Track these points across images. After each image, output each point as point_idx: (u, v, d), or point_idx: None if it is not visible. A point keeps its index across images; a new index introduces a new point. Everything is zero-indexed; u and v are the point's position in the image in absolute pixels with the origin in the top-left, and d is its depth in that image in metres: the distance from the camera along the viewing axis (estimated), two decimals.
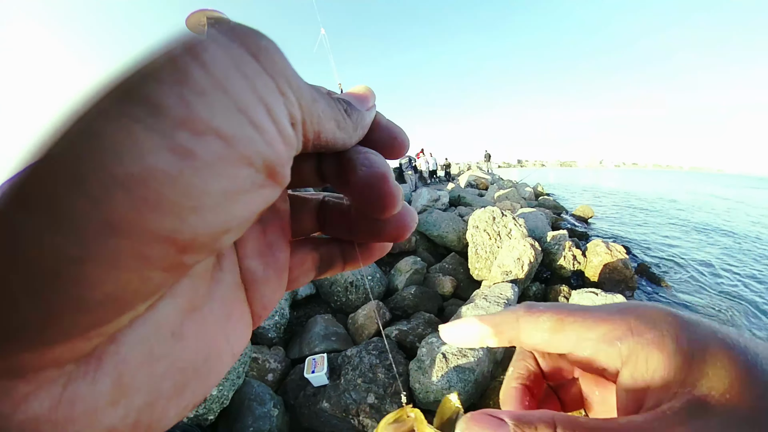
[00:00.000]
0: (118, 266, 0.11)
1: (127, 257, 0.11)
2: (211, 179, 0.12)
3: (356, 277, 3.23)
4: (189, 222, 0.12)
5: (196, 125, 0.12)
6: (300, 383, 2.41)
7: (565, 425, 0.20)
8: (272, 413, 2.01)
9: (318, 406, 2.16)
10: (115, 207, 0.11)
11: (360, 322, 2.95)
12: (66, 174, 0.10)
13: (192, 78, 0.12)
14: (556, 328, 0.24)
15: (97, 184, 0.11)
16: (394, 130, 0.23)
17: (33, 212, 0.10)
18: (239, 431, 1.91)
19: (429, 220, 4.46)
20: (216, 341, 0.19)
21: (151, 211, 0.11)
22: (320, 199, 0.26)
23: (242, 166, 0.13)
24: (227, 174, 0.13)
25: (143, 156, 0.11)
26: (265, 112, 0.14)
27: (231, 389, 1.95)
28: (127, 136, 0.11)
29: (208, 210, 0.12)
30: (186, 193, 0.12)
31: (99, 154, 0.11)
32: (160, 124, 0.11)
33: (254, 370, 2.43)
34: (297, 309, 3.29)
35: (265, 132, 0.14)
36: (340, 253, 0.27)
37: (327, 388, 2.23)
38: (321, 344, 2.68)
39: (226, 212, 0.13)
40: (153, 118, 0.11)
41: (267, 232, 0.22)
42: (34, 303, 0.11)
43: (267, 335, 2.70)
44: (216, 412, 1.88)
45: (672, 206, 13.15)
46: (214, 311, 0.19)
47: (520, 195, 8.20)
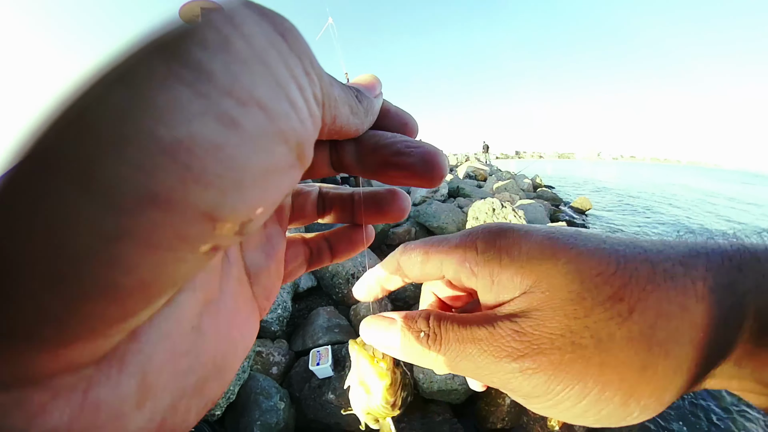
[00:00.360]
0: (156, 245, 0.10)
1: (167, 234, 0.10)
2: (253, 153, 0.11)
3: (358, 269, 3.23)
4: (229, 198, 0.11)
5: (242, 94, 0.11)
6: (305, 375, 2.42)
7: (436, 316, 0.26)
8: (279, 406, 2.02)
9: (323, 398, 2.18)
10: (159, 175, 0.10)
11: (362, 313, 2.95)
12: (105, 136, 0.09)
13: (235, 47, 0.11)
14: (424, 260, 0.28)
15: (141, 148, 0.09)
16: (404, 117, 0.24)
17: (62, 178, 0.09)
18: (247, 425, 1.92)
19: (428, 212, 4.45)
20: (231, 335, 0.19)
21: (194, 183, 0.10)
22: (318, 190, 0.28)
23: (280, 143, 0.12)
24: (267, 149, 0.12)
25: (191, 121, 0.10)
26: (297, 89, 0.13)
27: (237, 384, 1.96)
28: (175, 98, 0.10)
29: (248, 187, 0.12)
30: (229, 165, 0.11)
31: (144, 115, 0.09)
32: (209, 89, 0.10)
33: (258, 364, 2.44)
34: (299, 302, 3.29)
35: (299, 109, 0.13)
36: (328, 247, 0.28)
37: (332, 380, 2.25)
38: (324, 336, 2.68)
39: (262, 191, 0.12)
40: (202, 82, 0.10)
41: (267, 224, 0.23)
42: (56, 291, 0.09)
43: (270, 328, 2.70)
44: (223, 407, 1.89)
45: (667, 201, 13.23)
46: (227, 304, 0.19)
47: (518, 186, 8.21)
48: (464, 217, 4.23)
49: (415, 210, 4.54)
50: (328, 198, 0.28)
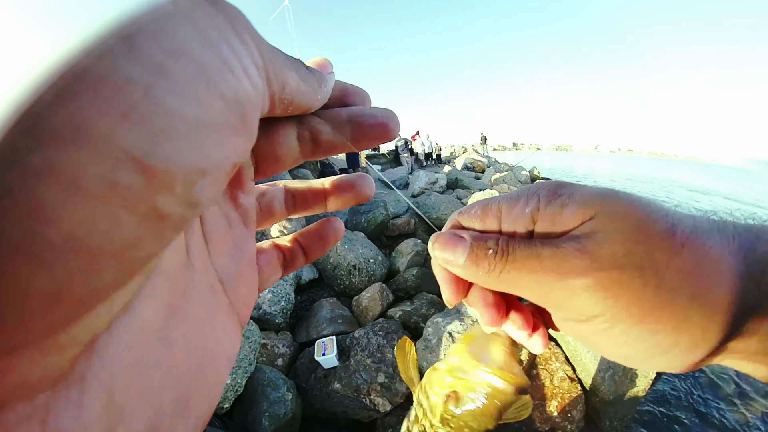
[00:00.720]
0: (80, 187, 0.09)
1: (91, 175, 0.09)
2: (184, 100, 0.11)
3: (359, 261, 3.24)
4: (161, 144, 0.10)
5: (169, 44, 0.11)
6: (310, 366, 2.45)
7: (504, 237, 0.27)
8: (286, 397, 2.05)
9: (330, 388, 2.21)
10: (78, 106, 0.09)
11: (364, 304, 2.98)
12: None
13: (162, 7, 0.11)
14: (484, 213, 0.30)
15: (62, 80, 0.09)
16: (363, 94, 0.24)
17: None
18: (255, 417, 1.95)
19: (428, 203, 4.45)
20: (207, 344, 0.18)
21: (118, 117, 0.09)
22: (284, 187, 0.27)
23: (214, 96, 0.12)
24: (199, 100, 0.11)
25: (114, 60, 0.10)
26: (230, 49, 0.13)
27: (244, 376, 1.98)
28: (102, 42, 0.10)
29: (181, 137, 0.11)
30: (156, 109, 0.10)
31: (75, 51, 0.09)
32: (133, 35, 0.10)
33: (264, 356, 2.46)
34: (301, 294, 3.31)
35: (233, 67, 0.13)
36: (301, 250, 0.28)
37: (337, 370, 2.27)
38: (328, 327, 2.70)
39: (200, 147, 0.12)
40: (129, 29, 0.10)
41: (234, 230, 0.22)
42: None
43: (274, 320, 2.72)
44: (231, 400, 1.91)
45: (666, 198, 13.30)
46: (198, 313, 0.17)
47: (516, 179, 8.21)
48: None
49: (415, 201, 4.54)
50: (298, 193, 0.27)
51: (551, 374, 2.45)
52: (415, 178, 6.71)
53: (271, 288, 2.79)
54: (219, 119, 0.12)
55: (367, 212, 4.16)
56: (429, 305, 2.94)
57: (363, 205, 4.28)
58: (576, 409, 2.29)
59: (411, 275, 3.32)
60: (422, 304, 2.95)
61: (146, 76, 0.10)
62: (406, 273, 3.38)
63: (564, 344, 2.60)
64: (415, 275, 3.31)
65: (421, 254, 3.73)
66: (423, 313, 2.83)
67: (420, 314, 2.82)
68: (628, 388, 2.39)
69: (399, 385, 2.20)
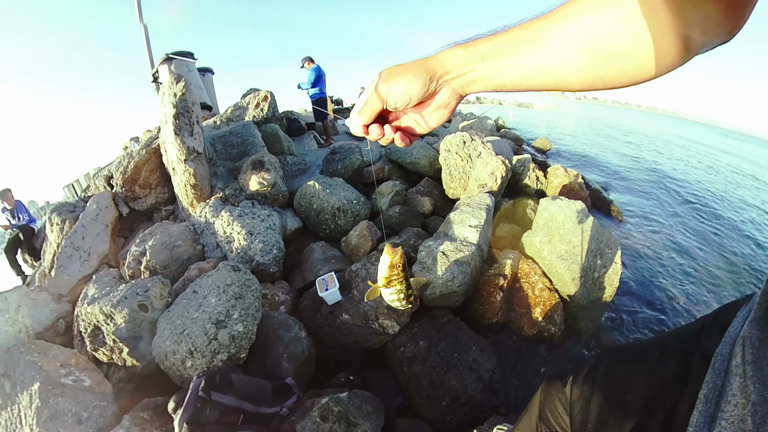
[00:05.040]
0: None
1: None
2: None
3: (342, 203, 3.10)
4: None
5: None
6: (313, 307, 2.38)
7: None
8: (300, 335, 1.98)
9: (338, 321, 2.16)
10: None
11: (354, 242, 2.90)
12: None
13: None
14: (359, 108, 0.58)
15: None
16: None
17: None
18: (274, 360, 1.87)
19: (399, 149, 4.29)
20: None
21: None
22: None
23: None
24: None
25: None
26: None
27: (254, 323, 1.86)
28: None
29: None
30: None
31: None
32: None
33: (266, 306, 2.35)
34: (287, 245, 3.16)
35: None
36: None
37: (342, 303, 2.22)
38: (324, 267, 2.62)
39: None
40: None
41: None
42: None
43: (268, 270, 2.58)
44: (246, 349, 1.80)
45: (623, 144, 13.73)
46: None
47: (483, 126, 8.15)
48: (434, 152, 4.14)
49: (387, 149, 4.38)
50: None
51: (532, 286, 2.57)
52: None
53: (261, 238, 2.62)
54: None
55: (342, 159, 3.96)
56: (416, 236, 2.92)
57: (338, 152, 4.06)
58: (557, 313, 2.45)
59: (394, 213, 3.26)
60: (410, 236, 2.93)
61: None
62: (390, 211, 3.31)
63: (540, 260, 2.72)
64: (399, 212, 3.26)
65: (400, 194, 3.65)
66: (412, 243, 2.82)
67: (409, 245, 2.80)
68: (598, 294, 2.58)
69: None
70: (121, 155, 4.59)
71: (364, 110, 0.55)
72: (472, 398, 1.88)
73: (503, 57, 0.46)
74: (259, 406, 1.56)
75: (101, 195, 3.82)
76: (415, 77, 0.50)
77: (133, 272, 2.70)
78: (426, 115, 0.56)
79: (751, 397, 0.36)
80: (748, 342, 0.41)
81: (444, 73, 0.51)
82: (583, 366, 0.81)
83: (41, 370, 1.63)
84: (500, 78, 0.48)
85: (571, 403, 0.78)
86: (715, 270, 3.99)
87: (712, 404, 0.43)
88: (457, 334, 2.19)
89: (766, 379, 0.35)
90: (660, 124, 40.60)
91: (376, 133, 0.57)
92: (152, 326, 1.94)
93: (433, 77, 0.51)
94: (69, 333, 2.72)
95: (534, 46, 0.44)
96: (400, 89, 0.51)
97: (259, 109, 4.95)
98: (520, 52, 0.45)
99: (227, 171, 3.68)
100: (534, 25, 0.44)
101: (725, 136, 38.39)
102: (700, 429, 0.42)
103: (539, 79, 0.46)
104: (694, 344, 0.58)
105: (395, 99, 0.52)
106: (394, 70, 0.51)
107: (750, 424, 0.35)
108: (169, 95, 3.15)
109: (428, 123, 0.57)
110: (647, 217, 5.23)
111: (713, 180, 9.19)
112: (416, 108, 0.55)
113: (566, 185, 4.37)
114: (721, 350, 0.47)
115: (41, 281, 3.41)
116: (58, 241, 3.58)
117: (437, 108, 0.55)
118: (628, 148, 12.77)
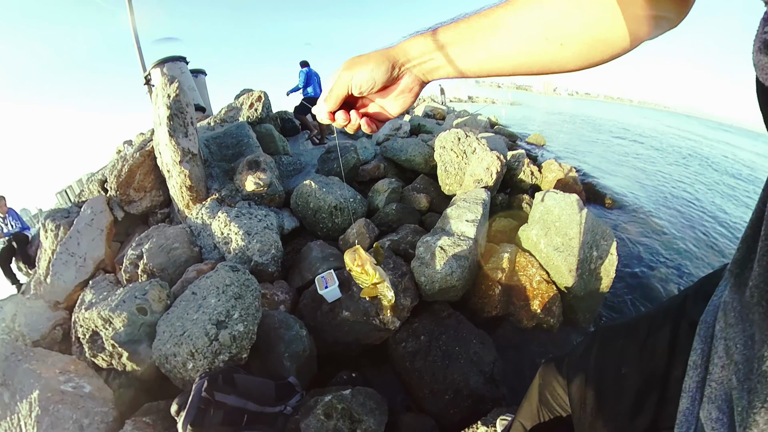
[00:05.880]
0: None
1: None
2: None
3: (339, 201, 3.09)
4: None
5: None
6: (313, 305, 2.36)
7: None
8: (301, 334, 1.96)
9: (339, 318, 2.15)
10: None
11: (352, 240, 2.89)
12: None
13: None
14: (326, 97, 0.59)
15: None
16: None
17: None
18: (276, 359, 1.85)
19: (395, 146, 4.27)
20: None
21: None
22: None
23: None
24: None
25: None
26: None
27: (254, 323, 1.84)
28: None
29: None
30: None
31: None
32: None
33: (266, 306, 2.33)
34: (285, 245, 3.14)
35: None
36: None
37: (342, 300, 2.21)
38: (322, 266, 2.60)
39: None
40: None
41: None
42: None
43: (267, 270, 2.56)
44: (248, 349, 1.78)
45: (615, 140, 13.75)
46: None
47: (477, 123, 8.16)
48: (429, 149, 4.13)
49: (382, 147, 4.37)
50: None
51: (530, 279, 2.58)
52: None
53: (259, 238, 2.60)
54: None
55: (338, 158, 3.95)
56: (413, 233, 2.91)
57: (333, 151, 4.04)
58: (555, 305, 2.46)
59: (391, 210, 3.25)
60: (407, 233, 2.92)
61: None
62: (386, 208, 3.30)
63: (537, 253, 2.72)
64: (395, 210, 3.25)
65: (396, 191, 3.64)
66: (410, 240, 2.81)
67: (407, 242, 2.80)
68: (595, 285, 2.59)
69: (404, 300, 2.20)
70: (115, 159, 4.52)
71: (330, 97, 0.56)
72: (475, 391, 1.88)
73: (464, 44, 0.48)
74: (263, 406, 1.55)
75: (95, 199, 3.76)
76: (377, 64, 0.52)
77: (130, 276, 2.67)
78: (390, 101, 0.58)
79: (734, 357, 0.38)
80: (730, 306, 0.42)
81: (406, 61, 0.53)
82: (578, 346, 0.83)
83: (40, 378, 1.60)
84: (461, 64, 0.50)
85: (569, 383, 0.79)
86: (708, 254, 4.05)
87: (702, 369, 0.44)
88: (458, 328, 2.19)
89: (747, 339, 0.36)
90: (649, 117, 40.89)
91: (342, 119, 0.58)
92: (151, 329, 1.92)
93: (395, 64, 0.53)
94: (67, 340, 2.69)
95: (494, 32, 0.46)
96: (365, 74, 0.53)
97: (253, 109, 4.91)
98: (480, 38, 0.47)
99: (223, 172, 3.64)
100: (494, 12, 0.46)
101: (711, 128, 38.79)
102: (693, 394, 0.44)
103: (499, 65, 0.48)
104: (680, 314, 0.60)
105: (359, 83, 0.54)
106: (357, 59, 0.53)
107: (734, 382, 0.37)
108: (163, 97, 3.10)
109: (393, 108, 0.59)
110: (640, 206, 5.28)
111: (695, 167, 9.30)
112: (380, 93, 0.57)
113: (561, 179, 4.40)
114: (706, 317, 0.49)
115: (36, 289, 3.35)
116: (52, 247, 3.52)
117: (401, 93, 0.57)
118: (620, 141, 12.87)
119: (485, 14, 0.47)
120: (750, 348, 0.35)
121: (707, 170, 9.61)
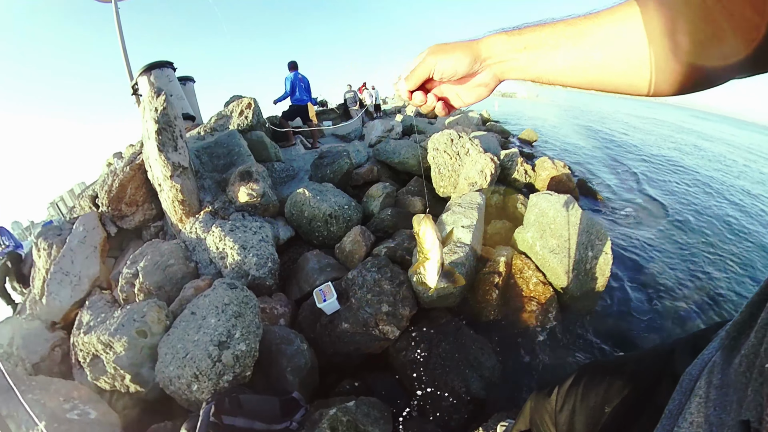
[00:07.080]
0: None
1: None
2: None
3: (334, 209, 3.10)
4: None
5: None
6: (312, 318, 2.39)
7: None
8: (302, 348, 1.99)
9: (338, 330, 2.18)
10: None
11: (348, 248, 2.91)
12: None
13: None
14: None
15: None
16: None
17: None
18: (279, 374, 1.88)
19: (388, 149, 4.28)
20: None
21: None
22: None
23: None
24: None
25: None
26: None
27: (256, 341, 1.87)
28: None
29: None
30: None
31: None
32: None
33: (265, 321, 2.35)
34: (281, 254, 3.15)
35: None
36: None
37: (341, 312, 2.24)
38: (320, 277, 2.62)
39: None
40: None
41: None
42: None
43: (265, 284, 2.57)
44: (251, 367, 1.80)
45: (604, 135, 13.80)
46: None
47: (469, 121, 8.17)
48: (423, 151, 4.15)
49: (375, 149, 4.37)
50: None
51: (527, 281, 2.62)
52: (370, 128, 6.37)
53: (255, 252, 2.61)
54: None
55: (331, 163, 3.94)
56: (410, 239, 2.94)
57: (326, 157, 4.03)
58: (552, 306, 2.51)
59: (386, 215, 3.27)
60: (403, 239, 2.94)
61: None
62: (381, 214, 3.32)
63: (533, 255, 2.77)
64: (391, 215, 3.27)
65: (391, 196, 3.66)
66: (406, 246, 2.83)
67: (404, 248, 2.82)
68: (591, 285, 2.63)
69: (402, 310, 2.23)
70: (105, 173, 4.48)
71: (411, 76, 0.58)
72: (476, 396, 1.93)
73: (545, 48, 0.49)
74: (269, 424, 1.57)
75: (87, 216, 3.73)
76: (463, 55, 0.54)
77: (127, 296, 2.66)
78: (466, 90, 0.60)
79: (709, 417, 0.39)
80: (718, 368, 0.43)
81: (488, 57, 0.54)
82: (566, 378, 0.86)
83: (45, 408, 1.60)
84: (538, 69, 0.51)
85: (557, 414, 0.83)
86: (701, 249, 4.13)
87: (673, 419, 0.46)
88: (457, 334, 2.22)
89: (726, 404, 0.37)
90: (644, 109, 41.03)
91: (419, 99, 0.60)
92: (153, 351, 1.93)
93: (477, 59, 0.54)
94: (66, 361, 2.68)
95: (576, 43, 0.47)
96: (448, 63, 0.54)
97: (244, 117, 4.87)
98: (562, 46, 0.48)
99: (215, 183, 3.63)
100: (580, 22, 0.47)
101: (701, 119, 39.12)
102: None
103: (575, 76, 0.49)
104: (666, 364, 0.62)
105: (442, 70, 0.55)
106: (443, 47, 0.55)
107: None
108: (150, 110, 3.08)
109: (468, 97, 0.61)
110: (632, 200, 5.36)
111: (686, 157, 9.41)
112: (458, 82, 0.59)
113: (554, 177, 4.44)
114: (690, 371, 0.50)
115: (32, 308, 3.33)
116: (46, 266, 3.49)
117: (477, 86, 0.59)
118: (611, 134, 12.96)
119: (571, 23, 0.47)
120: (727, 413, 0.36)
121: (704, 161, 9.75)
